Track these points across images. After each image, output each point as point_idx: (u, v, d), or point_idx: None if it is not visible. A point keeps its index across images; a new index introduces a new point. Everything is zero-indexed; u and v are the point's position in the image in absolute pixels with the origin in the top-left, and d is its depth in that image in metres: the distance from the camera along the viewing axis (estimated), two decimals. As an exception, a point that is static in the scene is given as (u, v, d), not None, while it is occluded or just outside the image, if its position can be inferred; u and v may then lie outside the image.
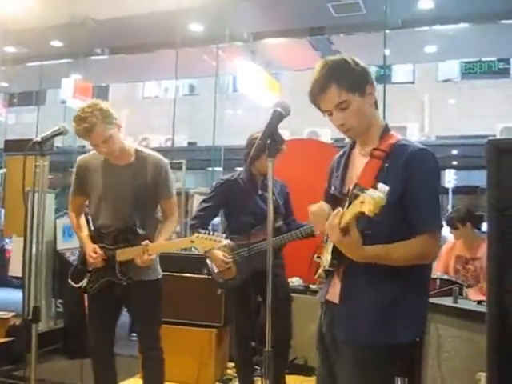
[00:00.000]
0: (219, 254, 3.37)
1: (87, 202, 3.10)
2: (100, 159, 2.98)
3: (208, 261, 3.50)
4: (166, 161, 3.06)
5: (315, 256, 1.98)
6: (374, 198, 1.56)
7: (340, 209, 1.75)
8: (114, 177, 2.95)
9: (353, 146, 2.02)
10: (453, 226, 4.28)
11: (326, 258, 1.88)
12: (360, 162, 1.92)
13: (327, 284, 1.94)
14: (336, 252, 1.81)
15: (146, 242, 2.81)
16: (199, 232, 2.76)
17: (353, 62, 1.85)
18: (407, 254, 1.77)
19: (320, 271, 1.92)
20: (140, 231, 2.90)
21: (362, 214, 1.59)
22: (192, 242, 2.75)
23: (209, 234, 2.72)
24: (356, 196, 1.66)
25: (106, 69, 12.27)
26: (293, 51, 10.32)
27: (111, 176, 2.96)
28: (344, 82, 1.81)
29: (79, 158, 3.11)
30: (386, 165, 1.82)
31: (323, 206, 1.93)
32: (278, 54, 10.81)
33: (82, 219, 3.14)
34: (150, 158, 2.99)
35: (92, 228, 3.08)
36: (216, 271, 3.49)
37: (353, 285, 1.84)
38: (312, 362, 4.34)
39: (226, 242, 2.74)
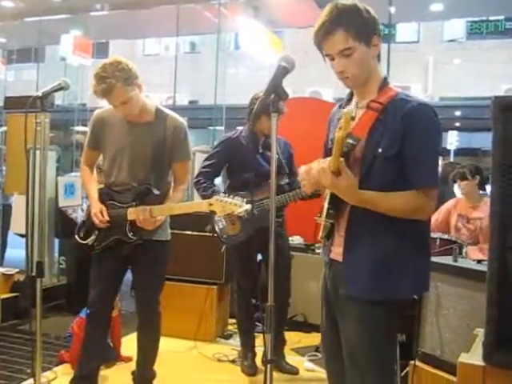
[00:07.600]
0: None
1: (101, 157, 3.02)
2: (118, 115, 2.87)
3: (216, 217, 3.44)
4: (185, 123, 2.97)
5: (317, 216, 1.97)
6: (344, 113, 1.59)
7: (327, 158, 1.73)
8: (132, 134, 2.87)
9: (350, 99, 1.97)
10: (462, 177, 4.31)
11: (323, 210, 1.86)
12: (356, 115, 1.87)
13: (330, 244, 1.93)
14: (332, 200, 1.81)
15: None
16: (218, 194, 2.66)
17: (364, 9, 1.79)
18: (402, 204, 1.75)
19: (321, 232, 1.91)
20: (155, 191, 2.83)
21: (343, 139, 1.61)
22: (210, 204, 2.63)
23: (228, 197, 2.61)
24: (347, 144, 1.67)
25: (105, 25, 12.04)
26: (296, 8, 10.09)
27: (129, 133, 2.88)
28: (352, 29, 1.75)
29: (96, 111, 3.00)
30: (381, 118, 1.78)
31: (312, 165, 1.85)
32: (281, 11, 10.58)
33: (94, 174, 3.09)
34: (170, 119, 2.91)
35: (103, 184, 3.00)
36: (221, 227, 3.49)
37: (354, 243, 1.83)
38: (311, 319, 4.41)
39: (248, 206, 2.58)
